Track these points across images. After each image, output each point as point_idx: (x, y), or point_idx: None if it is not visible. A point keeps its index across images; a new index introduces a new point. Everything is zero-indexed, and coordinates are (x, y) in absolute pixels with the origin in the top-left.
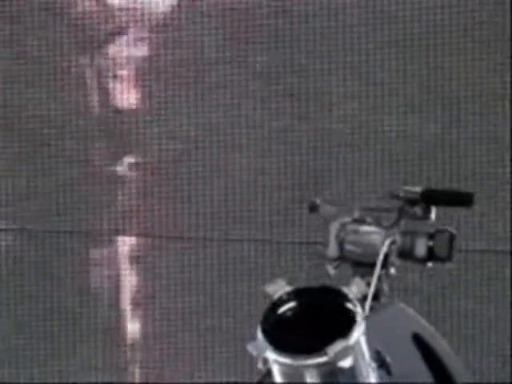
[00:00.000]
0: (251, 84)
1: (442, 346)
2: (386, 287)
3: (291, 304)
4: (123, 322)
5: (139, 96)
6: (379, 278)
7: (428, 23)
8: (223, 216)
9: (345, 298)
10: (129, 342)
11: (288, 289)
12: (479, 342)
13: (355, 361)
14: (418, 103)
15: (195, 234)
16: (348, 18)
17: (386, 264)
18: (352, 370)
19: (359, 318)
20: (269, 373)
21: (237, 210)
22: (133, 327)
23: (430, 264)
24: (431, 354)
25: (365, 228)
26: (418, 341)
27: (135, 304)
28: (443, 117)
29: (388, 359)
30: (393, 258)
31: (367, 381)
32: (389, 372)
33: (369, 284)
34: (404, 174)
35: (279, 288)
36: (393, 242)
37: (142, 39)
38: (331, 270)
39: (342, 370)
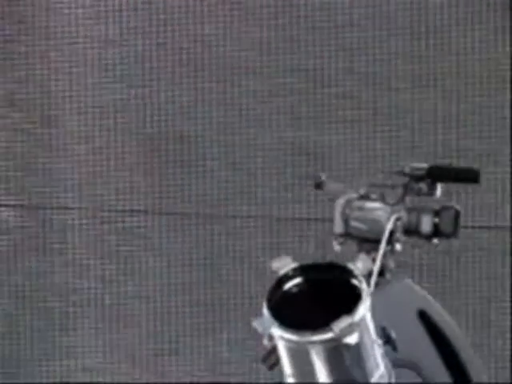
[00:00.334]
0: (252, 59)
1: (448, 323)
2: (391, 263)
3: (297, 280)
4: (124, 298)
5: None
6: (384, 255)
7: None
8: (228, 192)
9: (350, 274)
10: (135, 316)
11: (294, 265)
12: (480, 318)
13: (361, 337)
14: (419, 79)
15: (198, 210)
16: None
17: (391, 240)
18: (357, 346)
19: (364, 294)
20: (274, 349)
21: (243, 186)
22: (133, 302)
23: (435, 240)
24: (437, 331)
25: (370, 204)
26: (424, 317)
27: (137, 279)
28: (443, 92)
29: (393, 335)
30: (398, 235)
31: (372, 357)
32: (394, 348)
33: (374, 260)
34: (405, 149)
35: (285, 264)
36: (398, 219)
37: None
38: (337, 247)
39: (347, 346)
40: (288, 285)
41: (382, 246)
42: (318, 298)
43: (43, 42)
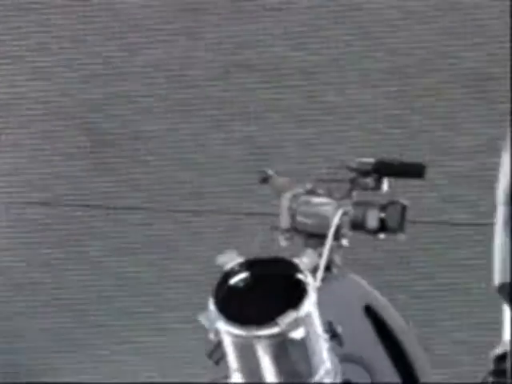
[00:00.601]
0: (204, 56)
1: (394, 318)
2: (337, 258)
3: (243, 275)
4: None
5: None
6: (331, 250)
7: None
8: (176, 188)
9: (296, 269)
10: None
11: (239, 260)
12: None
13: (306, 332)
14: (369, 79)
15: (150, 205)
16: None
17: (337, 235)
18: (303, 341)
19: (310, 289)
20: (220, 344)
21: (191, 181)
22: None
23: (381, 235)
24: (383, 326)
25: (317, 199)
26: (371, 312)
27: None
28: (388, 92)
29: (339, 330)
30: (344, 230)
31: (318, 352)
32: (340, 343)
33: (320, 255)
34: (355, 147)
35: (231, 259)
36: (345, 213)
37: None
38: (283, 241)
39: (293, 341)
40: (234, 279)
41: (329, 240)
42: (264, 293)
43: None
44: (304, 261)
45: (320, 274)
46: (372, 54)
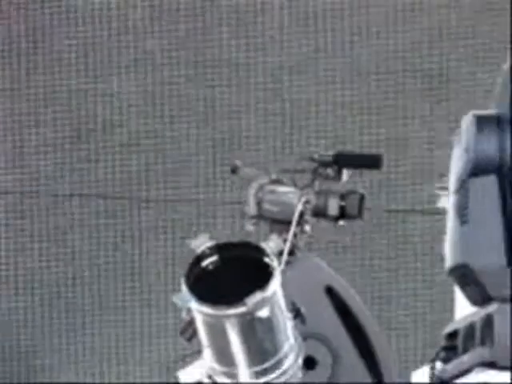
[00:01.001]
0: (174, 53)
1: (354, 298)
2: (300, 243)
3: (213, 258)
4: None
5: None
6: (295, 235)
7: None
8: (151, 177)
9: (263, 252)
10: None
11: (210, 244)
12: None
13: (272, 311)
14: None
15: (127, 194)
16: None
17: (300, 222)
18: (269, 319)
19: (276, 271)
20: (192, 322)
21: (165, 171)
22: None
23: (341, 222)
24: (344, 306)
25: (281, 188)
26: (331, 293)
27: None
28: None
29: (303, 310)
30: (307, 217)
31: (283, 329)
32: (303, 322)
33: (285, 240)
34: (316, 138)
35: (202, 243)
36: (307, 202)
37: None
38: (250, 227)
39: (259, 319)
40: (205, 262)
41: (292, 227)
42: (234, 275)
43: None
44: (270, 245)
45: (284, 257)
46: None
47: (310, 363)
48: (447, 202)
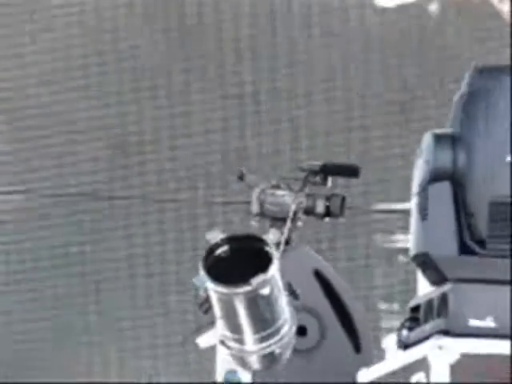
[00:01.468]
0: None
1: (336, 279)
2: (294, 236)
3: (224, 248)
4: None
5: None
6: (290, 229)
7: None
8: (167, 179)
9: (264, 243)
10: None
11: (222, 236)
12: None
13: (271, 289)
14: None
15: (147, 194)
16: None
17: (294, 219)
18: (269, 296)
19: (275, 258)
20: (208, 299)
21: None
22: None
23: (327, 219)
24: (328, 285)
25: (279, 192)
26: (319, 275)
27: None
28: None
29: (296, 288)
30: (300, 215)
31: (280, 304)
32: (296, 298)
33: (282, 233)
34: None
35: (216, 235)
36: (300, 203)
37: None
38: (254, 223)
39: (261, 296)
40: (218, 251)
41: (288, 222)
42: (241, 261)
43: None
44: (270, 237)
45: (282, 247)
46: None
47: (301, 331)
48: None
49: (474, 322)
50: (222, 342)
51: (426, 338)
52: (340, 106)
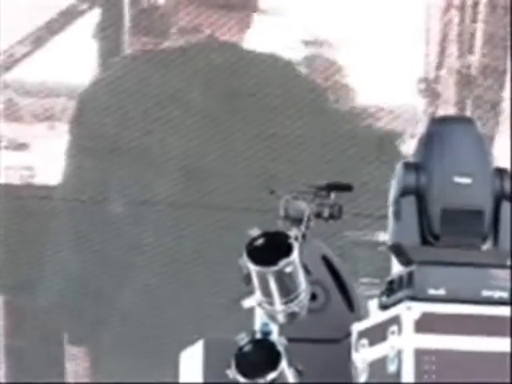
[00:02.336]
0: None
1: (338, 263)
2: (308, 232)
3: (260, 240)
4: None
5: None
6: (305, 228)
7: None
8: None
9: (288, 237)
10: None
11: (259, 232)
12: None
13: (293, 268)
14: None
15: (178, 199)
16: None
17: (308, 220)
18: (291, 273)
19: (295, 247)
20: (249, 274)
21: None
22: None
23: (330, 221)
24: (331, 265)
25: (298, 202)
26: (326, 260)
27: None
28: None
29: (309, 268)
30: (312, 217)
31: (300, 277)
32: (309, 274)
33: (300, 230)
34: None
35: (255, 232)
36: (312, 209)
37: None
38: (280, 224)
39: (286, 273)
40: (256, 242)
41: (304, 223)
42: (272, 249)
43: None
44: (292, 233)
45: (299, 240)
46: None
47: (313, 297)
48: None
49: (431, 291)
50: (259, 304)
51: (399, 302)
52: None
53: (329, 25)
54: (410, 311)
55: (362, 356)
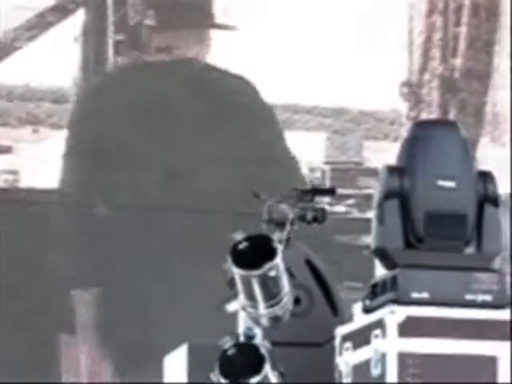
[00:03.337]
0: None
1: (321, 266)
2: (291, 235)
3: (244, 244)
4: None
5: None
6: (288, 231)
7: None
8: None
9: (271, 240)
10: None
11: (243, 236)
12: None
13: (277, 272)
14: None
15: (179, 205)
16: None
17: (292, 223)
18: (275, 276)
19: (279, 250)
20: (233, 278)
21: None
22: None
23: (314, 224)
24: (315, 269)
25: (282, 205)
26: (310, 263)
27: None
28: None
29: (293, 272)
30: (295, 221)
31: (283, 281)
32: (293, 278)
33: (283, 234)
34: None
35: (239, 236)
36: (296, 213)
37: None
38: (264, 227)
39: (270, 276)
40: (240, 246)
41: (287, 226)
42: (255, 252)
43: None
44: (275, 236)
45: (283, 243)
46: None
47: (296, 301)
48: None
49: (414, 295)
50: (243, 308)
51: (382, 305)
52: None
53: (313, 31)
54: (393, 315)
55: (346, 359)
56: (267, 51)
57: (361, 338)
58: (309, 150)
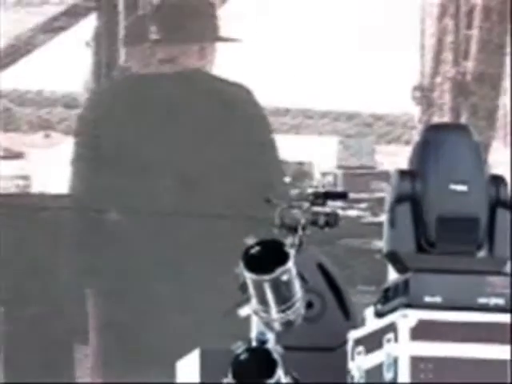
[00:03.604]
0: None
1: (334, 270)
2: (303, 240)
3: (257, 248)
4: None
5: None
6: (301, 236)
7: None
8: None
9: (284, 245)
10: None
11: (255, 240)
12: None
13: (289, 276)
14: None
15: (190, 209)
16: None
17: (304, 228)
18: (287, 281)
19: (291, 255)
20: (245, 282)
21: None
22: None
23: (326, 229)
24: (327, 273)
25: (293, 210)
26: (322, 268)
27: None
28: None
29: (305, 276)
30: (307, 226)
31: (296, 285)
32: (306, 282)
33: (295, 238)
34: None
35: (251, 240)
36: (307, 217)
37: None
38: (276, 232)
39: (282, 281)
40: (253, 250)
41: (299, 231)
42: (268, 257)
43: None
44: (287, 241)
45: (295, 248)
46: None
47: (309, 305)
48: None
49: (427, 299)
50: (255, 312)
51: (394, 309)
52: None
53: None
54: (405, 319)
55: (358, 364)
56: (279, 56)
57: (373, 342)
58: (321, 155)
